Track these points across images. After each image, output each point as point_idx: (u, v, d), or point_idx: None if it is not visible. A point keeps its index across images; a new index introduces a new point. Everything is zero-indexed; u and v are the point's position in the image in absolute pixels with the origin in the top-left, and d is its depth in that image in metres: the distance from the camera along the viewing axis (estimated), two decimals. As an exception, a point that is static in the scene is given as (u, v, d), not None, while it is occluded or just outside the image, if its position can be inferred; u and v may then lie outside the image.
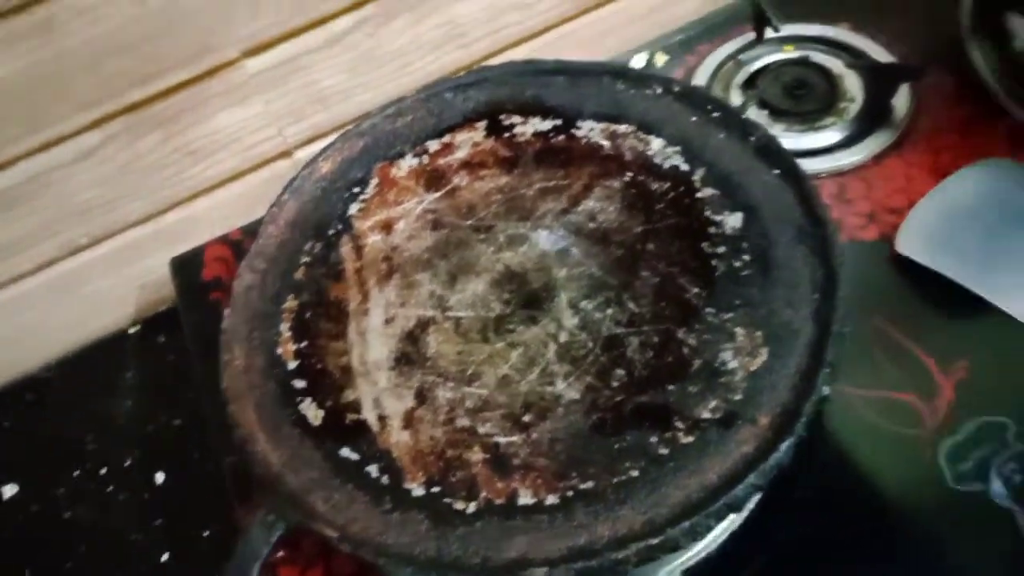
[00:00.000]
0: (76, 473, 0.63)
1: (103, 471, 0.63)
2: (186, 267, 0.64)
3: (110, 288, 0.69)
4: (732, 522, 0.47)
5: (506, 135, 0.57)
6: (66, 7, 0.53)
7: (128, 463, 0.63)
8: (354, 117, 0.67)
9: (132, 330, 0.71)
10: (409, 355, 0.49)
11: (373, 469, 0.45)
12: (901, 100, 0.62)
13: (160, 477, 0.62)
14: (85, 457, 0.64)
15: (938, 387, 0.50)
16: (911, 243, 0.55)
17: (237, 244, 0.64)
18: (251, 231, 0.53)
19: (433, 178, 0.56)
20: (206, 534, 0.58)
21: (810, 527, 0.48)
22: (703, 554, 0.47)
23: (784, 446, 0.40)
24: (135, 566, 0.58)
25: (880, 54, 0.66)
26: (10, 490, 0.63)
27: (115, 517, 0.61)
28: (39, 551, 0.61)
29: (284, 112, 0.66)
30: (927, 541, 0.46)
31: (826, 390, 0.42)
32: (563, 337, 0.48)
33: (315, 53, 0.63)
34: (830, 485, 0.48)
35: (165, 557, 0.58)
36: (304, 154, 0.68)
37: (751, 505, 0.47)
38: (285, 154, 0.68)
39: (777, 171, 0.50)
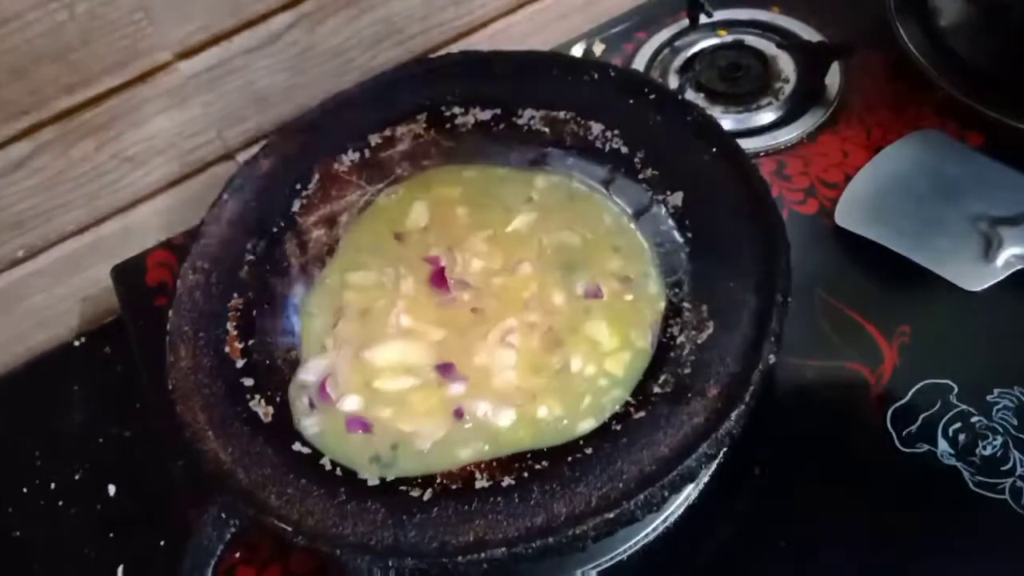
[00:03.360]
0: (25, 490, 0.62)
1: (53, 485, 0.61)
2: (128, 274, 0.63)
3: (52, 301, 0.67)
4: (688, 496, 0.48)
5: (447, 126, 0.57)
6: (-12, 14, 0.52)
7: (78, 477, 0.62)
8: (294, 117, 0.66)
9: (77, 343, 0.70)
10: (358, 346, 0.49)
11: (327, 462, 0.44)
12: (833, 78, 0.64)
13: (112, 489, 0.60)
14: (34, 473, 0.62)
15: (882, 353, 0.51)
16: (849, 215, 0.56)
17: (180, 249, 0.63)
18: (195, 235, 0.52)
19: (376, 172, 0.56)
20: (161, 544, 0.57)
21: (764, 496, 0.48)
22: (662, 528, 0.47)
23: (734, 415, 0.41)
24: (90, 581, 0.57)
25: (811, 35, 0.67)
26: (-42, 510, 0.61)
27: (67, 532, 0.59)
28: (-8, 570, 0.59)
29: (223, 114, 0.65)
30: (880, 502, 0.47)
31: (772, 359, 0.43)
32: (513, 321, 0.48)
33: (251, 53, 0.62)
34: (782, 454, 0.49)
35: (120, 570, 0.57)
36: (246, 156, 0.67)
37: (706, 478, 0.48)
38: (227, 157, 0.67)
39: (715, 148, 0.51)
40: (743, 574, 0.46)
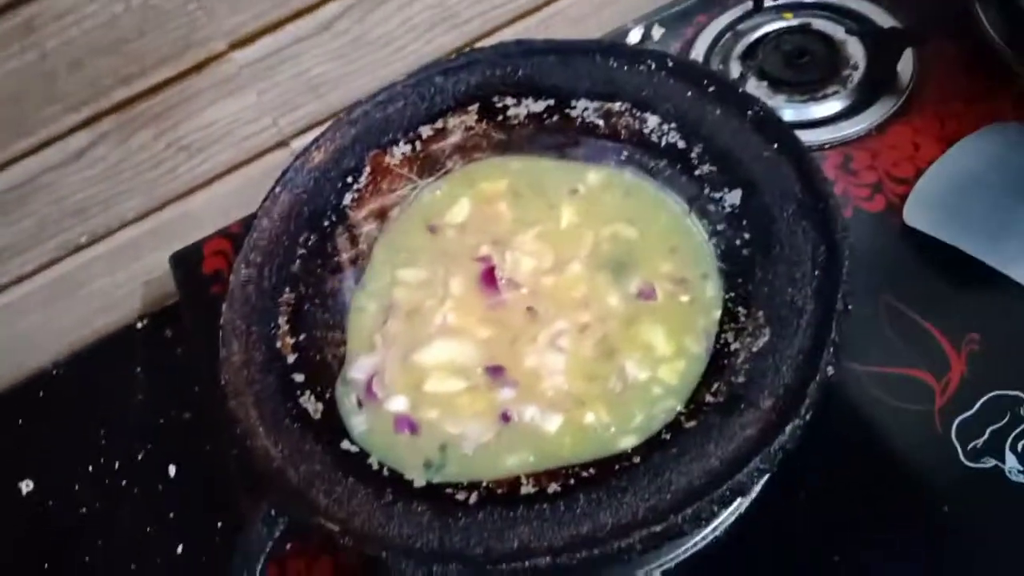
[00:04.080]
0: (90, 468, 0.64)
1: (117, 465, 0.64)
2: (186, 262, 0.64)
3: (114, 285, 0.69)
4: (739, 505, 0.47)
5: (500, 118, 0.56)
6: (46, 8, 0.52)
7: (141, 457, 0.64)
8: (348, 104, 0.66)
9: (139, 325, 0.72)
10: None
11: (374, 461, 0.45)
12: (905, 66, 0.61)
13: (172, 470, 0.62)
14: (98, 452, 0.65)
15: (949, 361, 0.49)
16: (919, 214, 0.54)
17: (237, 237, 0.64)
18: (250, 224, 0.52)
19: (426, 165, 0.56)
20: (219, 525, 0.58)
21: (820, 508, 0.47)
22: (710, 538, 0.46)
23: (789, 429, 0.40)
24: (151, 558, 0.59)
25: (883, 19, 0.64)
26: (26, 486, 0.64)
27: (130, 510, 0.61)
28: (56, 546, 0.61)
29: (277, 102, 0.65)
30: (940, 519, 0.45)
31: (830, 371, 0.41)
32: (563, 322, 0.48)
33: (304, 41, 0.62)
34: (839, 464, 0.48)
35: (180, 549, 0.59)
36: (300, 144, 0.67)
37: (758, 488, 0.47)
38: (282, 144, 0.68)
39: (776, 145, 0.49)
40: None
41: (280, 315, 0.50)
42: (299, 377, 0.48)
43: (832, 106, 0.60)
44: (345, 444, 0.45)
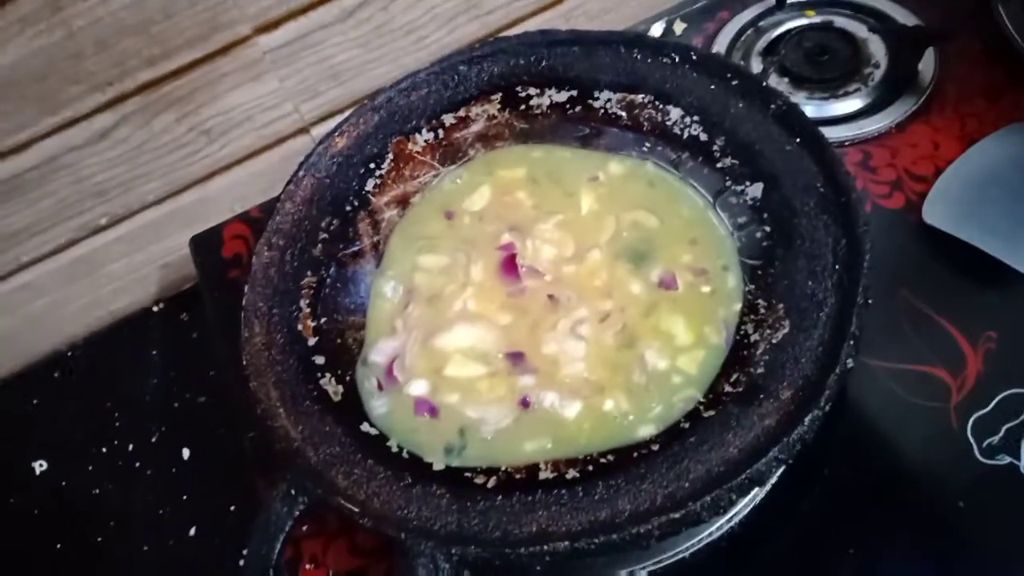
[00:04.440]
0: (104, 450, 0.64)
1: (130, 447, 0.64)
2: (206, 245, 0.64)
3: (132, 267, 0.69)
4: (756, 496, 0.47)
5: (522, 107, 0.56)
6: (75, -13, 0.53)
7: (155, 439, 0.64)
8: (370, 92, 0.66)
9: (156, 308, 0.72)
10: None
11: (393, 443, 0.45)
12: (927, 65, 0.61)
13: (186, 453, 0.62)
14: (113, 434, 0.65)
15: (966, 359, 0.49)
16: (938, 212, 0.54)
17: (256, 221, 0.64)
18: (270, 209, 0.53)
19: (449, 152, 0.56)
20: (232, 508, 0.59)
21: (835, 501, 0.47)
22: (727, 528, 0.46)
23: (807, 420, 0.40)
24: (163, 540, 0.59)
25: (905, 17, 0.64)
26: (40, 467, 0.64)
27: (143, 492, 0.62)
28: (70, 526, 0.62)
29: (299, 88, 0.65)
30: (954, 515, 0.45)
31: (850, 363, 0.41)
32: (583, 311, 0.48)
33: (328, 28, 0.62)
34: (855, 458, 0.48)
35: (193, 531, 0.59)
36: (321, 131, 0.68)
37: (774, 479, 0.47)
38: (302, 131, 0.68)
39: (798, 139, 0.49)
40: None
41: (302, 298, 0.51)
42: (320, 359, 0.48)
43: (853, 103, 0.60)
44: (365, 426, 0.46)
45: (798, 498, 0.47)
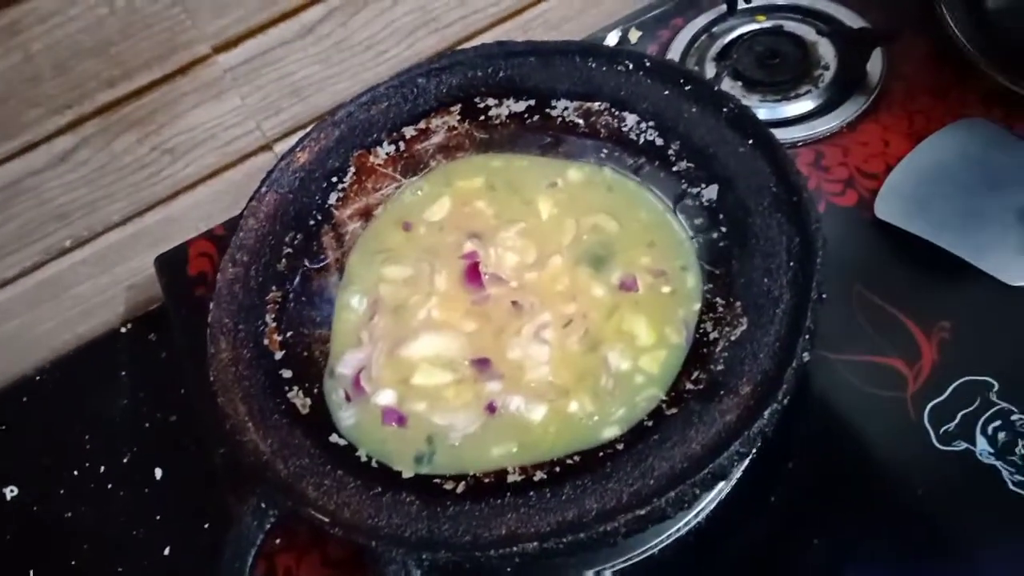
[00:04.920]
0: (75, 472, 0.64)
1: (102, 469, 0.64)
2: (171, 264, 0.64)
3: (98, 289, 0.69)
4: (721, 491, 0.48)
5: (481, 118, 0.57)
6: (29, 11, 0.52)
7: (126, 460, 0.64)
8: (331, 107, 0.67)
9: (124, 329, 0.72)
10: (394, 340, 0.49)
11: (363, 453, 0.45)
12: (875, 65, 0.62)
13: (159, 473, 0.62)
14: (83, 456, 0.64)
15: (921, 349, 0.51)
16: (889, 207, 0.55)
17: (221, 239, 0.65)
18: (234, 226, 0.53)
19: (410, 164, 0.56)
20: (206, 526, 0.59)
21: (799, 493, 0.48)
22: (694, 523, 0.47)
23: (767, 413, 0.41)
24: (138, 561, 0.59)
25: (852, 20, 0.65)
26: (11, 492, 0.64)
27: (116, 514, 0.61)
28: (43, 551, 0.61)
29: (261, 106, 0.66)
30: (914, 501, 0.47)
31: (806, 356, 0.42)
32: (545, 316, 0.49)
33: (288, 45, 0.63)
34: (817, 451, 0.49)
35: (167, 551, 0.59)
36: (283, 147, 0.68)
37: (738, 474, 0.48)
38: (265, 148, 0.68)
39: (751, 141, 0.50)
40: (776, 571, 0.46)
41: (267, 313, 0.51)
42: (287, 373, 0.49)
43: (804, 105, 0.62)
44: (333, 438, 0.46)
45: (763, 492, 0.48)
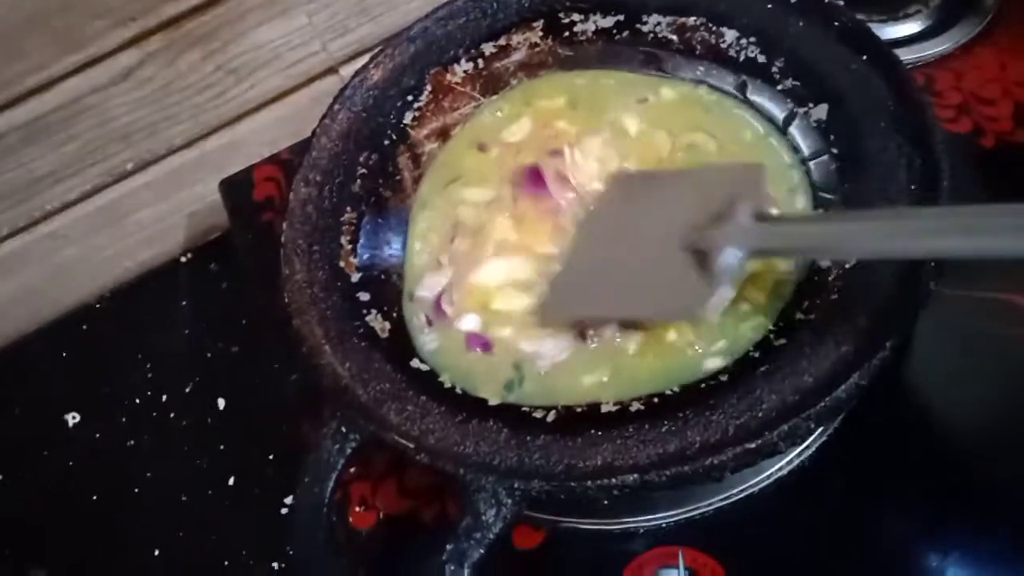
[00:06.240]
0: (137, 401, 0.63)
1: (164, 398, 0.63)
2: (236, 188, 0.62)
3: (159, 215, 0.68)
4: (826, 431, 0.45)
5: (566, 34, 0.53)
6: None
7: (188, 390, 0.63)
8: (402, 28, 0.64)
9: (183, 259, 0.70)
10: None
11: (446, 379, 0.43)
12: (991, -16, 0.58)
13: (222, 403, 0.61)
14: (145, 385, 0.63)
15: (1047, 287, 0.47)
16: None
17: (287, 163, 0.62)
18: (301, 150, 0.50)
19: (490, 82, 0.53)
20: (271, 457, 0.57)
21: (909, 438, 0.45)
22: (796, 463, 0.44)
23: (889, 344, 0.38)
24: (202, 490, 0.58)
25: (967, -67, 0.60)
26: (72, 418, 0.63)
27: (179, 443, 0.60)
28: (106, 478, 0.60)
29: (328, 25, 0.63)
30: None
31: (932, 285, 0.39)
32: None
33: (361, -43, 0.60)
34: (935, 390, 0.46)
35: (232, 480, 0.57)
36: (350, 70, 0.65)
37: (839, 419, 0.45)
38: (331, 71, 0.65)
39: (864, 57, 0.46)
40: (878, 521, 0.43)
41: (342, 234, 0.48)
42: (364, 296, 0.46)
43: (913, 25, 0.58)
44: (415, 363, 0.44)
45: (868, 435, 0.45)
